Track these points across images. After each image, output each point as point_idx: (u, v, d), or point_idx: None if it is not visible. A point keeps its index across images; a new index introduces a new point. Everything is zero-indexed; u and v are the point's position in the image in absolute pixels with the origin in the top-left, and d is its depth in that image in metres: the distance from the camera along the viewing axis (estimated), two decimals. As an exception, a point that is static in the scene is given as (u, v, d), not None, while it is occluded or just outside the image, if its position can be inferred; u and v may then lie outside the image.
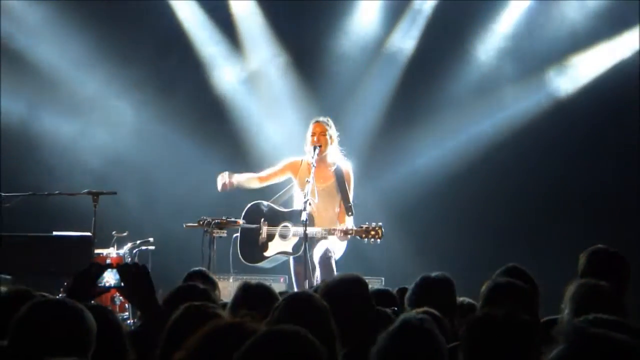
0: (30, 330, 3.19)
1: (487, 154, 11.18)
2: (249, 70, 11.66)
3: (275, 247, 8.83)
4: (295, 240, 8.72)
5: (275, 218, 8.89)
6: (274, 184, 9.21)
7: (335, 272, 8.43)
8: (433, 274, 5.15)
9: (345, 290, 4.40)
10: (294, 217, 8.72)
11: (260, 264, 8.92)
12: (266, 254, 8.84)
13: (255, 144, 11.39)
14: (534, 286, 5.02)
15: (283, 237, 8.81)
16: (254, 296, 4.38)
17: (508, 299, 4.46)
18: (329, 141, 8.78)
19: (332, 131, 8.83)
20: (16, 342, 3.19)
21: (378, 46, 11.56)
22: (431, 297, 4.90)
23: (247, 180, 9.07)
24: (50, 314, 3.23)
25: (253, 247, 8.85)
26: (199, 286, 4.41)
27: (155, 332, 3.74)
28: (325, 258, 8.50)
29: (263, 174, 9.12)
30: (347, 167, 8.88)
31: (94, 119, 11.48)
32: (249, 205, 8.99)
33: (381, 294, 5.40)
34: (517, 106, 11.28)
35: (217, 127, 11.35)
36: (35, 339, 3.15)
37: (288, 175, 9.03)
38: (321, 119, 8.89)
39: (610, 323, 3.25)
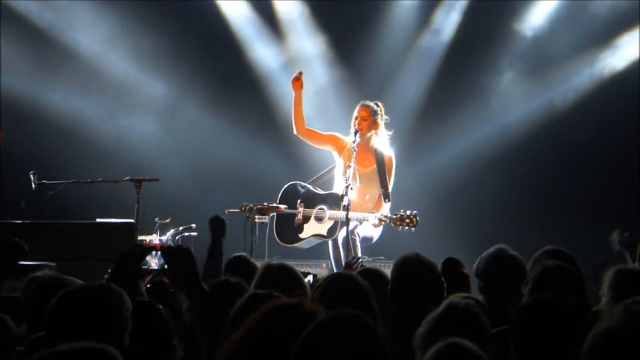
0: (64, 320, 3.21)
1: (530, 137, 11.09)
2: (289, 56, 11.64)
3: (310, 229, 8.77)
4: (330, 223, 8.65)
5: (311, 200, 8.82)
6: (313, 162, 9.07)
7: (359, 254, 8.38)
8: (510, 250, 4.95)
9: (415, 272, 4.41)
10: (330, 200, 8.66)
11: (296, 245, 8.88)
12: (301, 235, 8.80)
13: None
14: (578, 268, 4.94)
15: (318, 219, 8.74)
16: (276, 276, 4.37)
17: (558, 283, 4.39)
18: (372, 126, 8.64)
19: (377, 116, 8.66)
20: (53, 333, 3.22)
21: (420, 28, 11.51)
22: (504, 273, 4.81)
23: (301, 115, 8.81)
24: (80, 302, 3.25)
25: (289, 228, 8.81)
26: (231, 280, 4.38)
27: (201, 313, 3.75)
28: (349, 240, 8.37)
29: (310, 128, 8.91)
30: (390, 153, 8.74)
31: (137, 106, 11.57)
32: (285, 185, 8.95)
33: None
34: (563, 86, 11.17)
35: (259, 114, 11.37)
36: (70, 328, 3.16)
37: (328, 146, 8.90)
38: (368, 102, 8.71)
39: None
